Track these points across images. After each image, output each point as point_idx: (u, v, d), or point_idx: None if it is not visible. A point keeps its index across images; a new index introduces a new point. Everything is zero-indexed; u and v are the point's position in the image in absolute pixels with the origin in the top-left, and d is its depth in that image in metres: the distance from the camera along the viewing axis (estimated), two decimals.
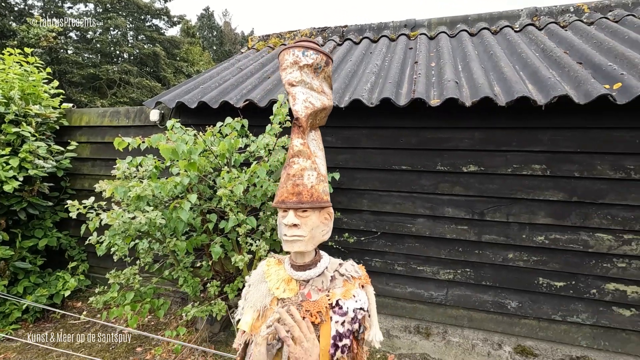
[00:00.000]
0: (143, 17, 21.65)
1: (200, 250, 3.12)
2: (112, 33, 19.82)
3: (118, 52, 20.61)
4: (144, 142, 2.48)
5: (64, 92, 4.34)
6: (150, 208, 2.41)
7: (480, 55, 3.38)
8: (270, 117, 2.73)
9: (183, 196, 2.60)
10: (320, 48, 1.00)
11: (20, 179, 3.29)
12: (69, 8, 19.33)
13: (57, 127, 4.07)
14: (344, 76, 3.32)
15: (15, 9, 16.69)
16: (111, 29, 19.37)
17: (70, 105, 4.34)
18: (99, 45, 19.12)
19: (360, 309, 0.97)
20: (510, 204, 2.81)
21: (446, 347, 3.00)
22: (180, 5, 57.16)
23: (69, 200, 2.37)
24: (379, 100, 2.76)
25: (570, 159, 2.65)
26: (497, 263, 2.87)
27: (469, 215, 2.90)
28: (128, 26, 20.46)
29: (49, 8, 18.13)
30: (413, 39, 4.22)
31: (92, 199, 2.43)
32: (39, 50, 13.89)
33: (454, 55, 3.51)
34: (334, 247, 3.21)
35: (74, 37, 19.15)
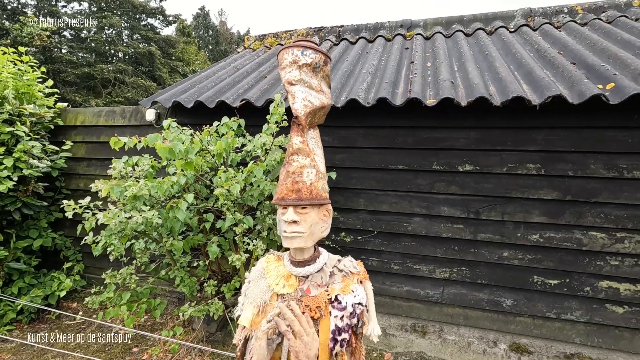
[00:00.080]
0: (138, 16, 21.53)
1: (197, 250, 3.11)
2: (107, 32, 19.68)
3: (113, 51, 20.46)
4: (140, 142, 2.47)
5: (58, 92, 4.30)
6: (147, 208, 2.40)
7: (475, 56, 3.40)
8: (267, 117, 2.73)
9: (180, 196, 2.60)
10: (319, 47, 1.01)
11: (15, 178, 3.27)
12: (63, 7, 19.17)
13: (52, 127, 4.03)
14: (341, 76, 3.33)
15: (9, 8, 16.52)
16: (106, 28, 19.24)
17: (65, 104, 4.31)
18: (93, 45, 18.97)
19: (359, 303, 0.99)
20: (506, 203, 2.83)
21: (442, 345, 3.03)
22: (176, 4, 56.97)
23: (65, 200, 2.35)
24: (376, 100, 2.78)
25: (564, 158, 2.68)
26: (493, 261, 2.89)
27: (465, 214, 2.92)
28: (123, 25, 20.33)
29: (42, 7, 17.95)
30: (409, 39, 4.24)
31: (88, 198, 2.42)
32: (32, 49, 13.75)
33: (450, 55, 3.54)
34: (331, 247, 3.22)
35: (68, 36, 18.98)
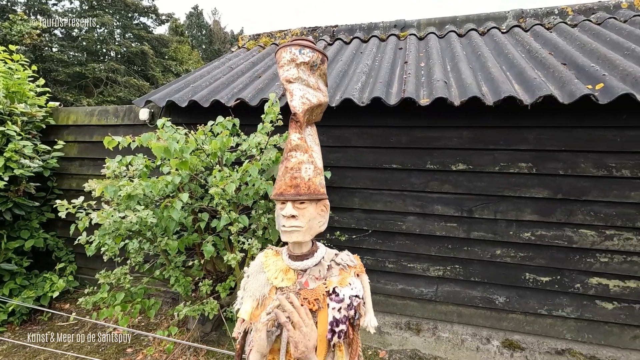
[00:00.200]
0: (130, 15, 21.33)
1: (192, 249, 3.11)
2: (99, 31, 19.46)
3: (105, 50, 20.25)
4: (134, 141, 2.46)
5: (50, 91, 4.26)
6: (141, 207, 2.39)
7: (468, 56, 3.44)
8: (262, 116, 2.73)
9: (174, 195, 2.59)
10: (316, 46, 1.03)
11: (6, 178, 3.23)
12: (54, 5, 18.92)
13: (44, 126, 3.98)
14: (335, 75, 3.35)
15: None
16: (97, 26, 19.03)
17: (57, 104, 4.26)
18: (84, 43, 18.76)
19: (356, 296, 1.01)
20: (498, 202, 2.87)
21: (436, 343, 3.06)
22: (169, 3, 56.67)
23: (58, 200, 2.33)
24: (370, 99, 2.80)
25: (555, 157, 2.73)
26: (486, 259, 2.93)
27: (458, 213, 2.96)
28: (115, 24, 20.13)
29: (32, 5, 17.71)
30: (403, 39, 4.27)
31: (82, 198, 2.40)
32: (22, 47, 13.56)
33: (443, 55, 3.58)
34: (326, 245, 3.22)
35: (59, 35, 18.74)
